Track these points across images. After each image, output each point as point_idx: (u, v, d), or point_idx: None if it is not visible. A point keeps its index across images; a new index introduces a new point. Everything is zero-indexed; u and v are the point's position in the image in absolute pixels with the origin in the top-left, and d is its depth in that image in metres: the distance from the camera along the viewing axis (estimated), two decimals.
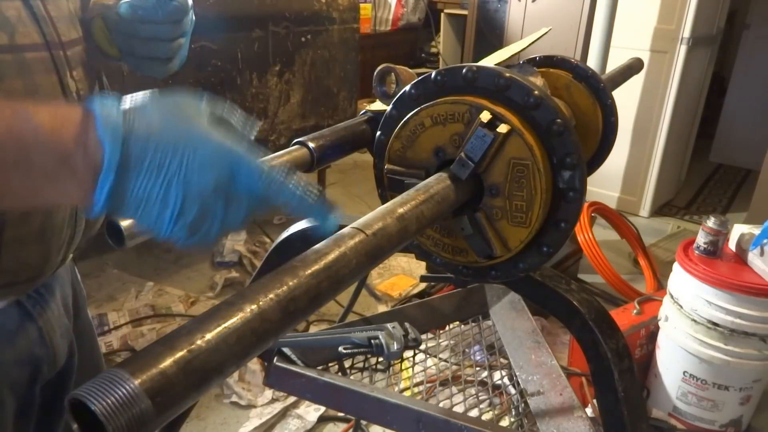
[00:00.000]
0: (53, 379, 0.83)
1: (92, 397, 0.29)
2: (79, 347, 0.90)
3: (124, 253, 2.94)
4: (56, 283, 0.83)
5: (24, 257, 0.69)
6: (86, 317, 0.97)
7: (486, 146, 0.58)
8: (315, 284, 0.39)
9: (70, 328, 0.87)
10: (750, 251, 1.76)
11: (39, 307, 0.77)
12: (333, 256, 0.41)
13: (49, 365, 0.80)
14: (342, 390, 0.96)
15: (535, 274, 0.72)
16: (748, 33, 4.66)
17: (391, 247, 0.46)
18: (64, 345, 0.83)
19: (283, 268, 0.39)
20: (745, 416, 1.93)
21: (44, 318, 0.78)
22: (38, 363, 0.78)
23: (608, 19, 2.72)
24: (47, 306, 0.79)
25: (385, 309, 2.55)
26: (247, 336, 0.35)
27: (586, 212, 2.79)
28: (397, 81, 0.70)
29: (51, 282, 0.81)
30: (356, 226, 0.44)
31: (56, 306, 0.82)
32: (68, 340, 0.86)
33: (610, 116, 0.90)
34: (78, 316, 0.92)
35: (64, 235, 0.73)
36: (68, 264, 0.88)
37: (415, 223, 0.49)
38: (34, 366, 0.78)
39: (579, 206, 0.61)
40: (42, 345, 0.78)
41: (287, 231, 0.92)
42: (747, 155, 4.56)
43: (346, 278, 0.41)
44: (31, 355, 0.77)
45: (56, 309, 0.81)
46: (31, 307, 0.76)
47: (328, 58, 3.22)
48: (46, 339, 0.78)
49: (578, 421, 0.96)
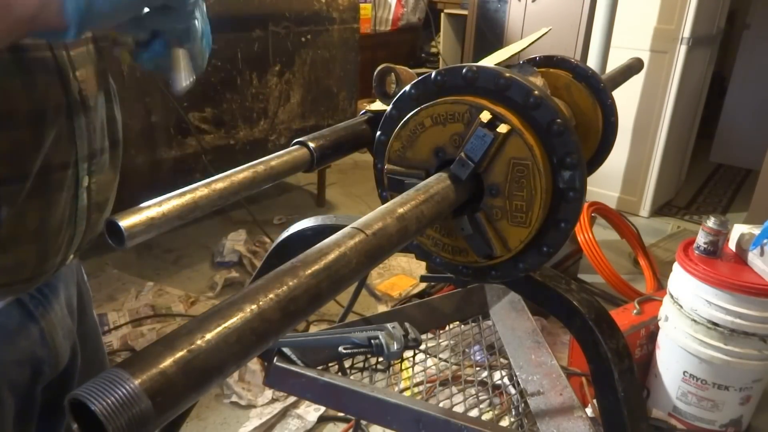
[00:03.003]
0: (56, 380, 0.83)
1: (92, 397, 0.29)
2: (84, 348, 0.90)
3: (124, 253, 2.94)
4: (60, 283, 0.82)
5: (21, 257, 0.69)
6: (92, 318, 0.97)
7: (486, 146, 0.58)
8: (315, 284, 0.39)
9: (73, 328, 0.86)
10: (750, 251, 1.76)
11: (41, 307, 0.77)
12: (333, 256, 0.41)
13: (50, 366, 0.80)
14: (342, 390, 0.96)
15: (535, 274, 0.72)
16: (748, 33, 4.66)
17: (391, 247, 0.46)
18: (66, 346, 0.83)
19: (283, 268, 0.39)
20: (745, 416, 1.93)
21: (46, 318, 0.78)
22: (39, 363, 0.78)
23: (608, 19, 2.72)
24: (50, 306, 0.79)
25: (385, 309, 2.55)
26: (247, 336, 0.35)
27: (586, 212, 2.79)
28: (397, 81, 0.70)
29: (54, 282, 0.80)
30: (356, 226, 0.44)
31: (59, 306, 0.81)
32: (71, 341, 0.85)
33: (610, 116, 0.90)
34: (83, 316, 0.92)
35: (63, 235, 0.73)
36: (73, 264, 0.88)
37: (415, 223, 0.49)
38: (35, 366, 0.78)
39: (579, 206, 0.61)
40: (43, 346, 0.78)
41: (287, 231, 0.92)
42: (747, 155, 4.56)
43: (346, 278, 0.41)
44: (32, 356, 0.76)
45: (59, 310, 0.81)
46: (34, 308, 0.76)
47: (328, 58, 3.22)
48: (47, 340, 0.78)
49: (578, 421, 0.96)
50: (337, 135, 0.71)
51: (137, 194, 0.71)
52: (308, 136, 0.68)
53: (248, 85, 2.86)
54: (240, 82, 2.81)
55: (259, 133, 3.00)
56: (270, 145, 3.06)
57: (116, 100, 0.84)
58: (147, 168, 2.57)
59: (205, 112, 2.72)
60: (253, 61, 2.81)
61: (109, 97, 0.81)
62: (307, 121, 3.23)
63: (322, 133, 0.70)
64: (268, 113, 3.02)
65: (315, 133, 0.69)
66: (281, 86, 3.03)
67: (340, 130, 0.73)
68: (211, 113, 2.75)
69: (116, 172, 0.85)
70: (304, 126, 3.20)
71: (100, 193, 0.79)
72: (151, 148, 2.56)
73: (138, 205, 0.54)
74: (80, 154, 0.72)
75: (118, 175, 0.86)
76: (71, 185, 0.72)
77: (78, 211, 0.74)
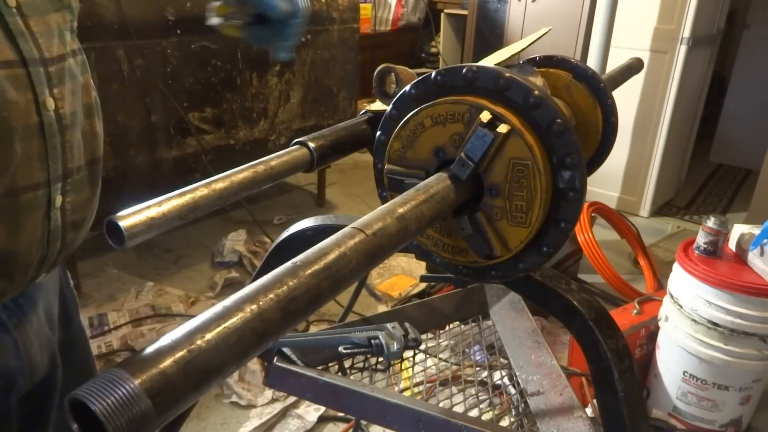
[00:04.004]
0: (35, 391, 0.81)
1: (92, 397, 0.29)
2: (70, 356, 0.88)
3: (124, 253, 2.94)
4: (39, 293, 0.80)
5: None
6: (78, 325, 0.94)
7: (486, 146, 0.58)
8: (315, 284, 0.39)
9: (52, 338, 0.84)
10: (750, 251, 1.76)
11: (15, 318, 0.74)
12: (333, 256, 0.41)
13: (25, 377, 0.77)
14: (342, 390, 0.96)
15: (535, 274, 0.72)
16: (748, 33, 4.66)
17: (391, 247, 0.46)
18: (43, 356, 0.80)
19: (283, 268, 0.39)
20: (745, 416, 1.93)
21: (20, 329, 0.75)
22: (12, 375, 0.75)
23: (608, 19, 2.72)
24: (25, 317, 0.76)
25: (385, 309, 2.55)
26: (247, 336, 0.35)
27: (586, 212, 2.79)
28: (397, 81, 0.70)
29: (32, 292, 0.78)
30: (356, 226, 0.44)
31: (36, 318, 0.79)
32: (49, 352, 0.83)
33: (610, 116, 0.90)
34: (68, 324, 0.89)
35: (33, 256, 0.70)
36: (55, 272, 0.86)
37: (416, 223, 0.49)
38: (8, 378, 0.75)
39: (579, 206, 0.61)
40: (17, 357, 0.75)
41: (287, 231, 0.92)
42: (747, 155, 4.56)
43: (347, 278, 0.41)
44: (4, 367, 0.74)
45: (36, 320, 0.78)
46: (7, 318, 0.73)
47: (328, 58, 3.22)
48: (21, 350, 0.75)
49: (578, 421, 0.96)
50: (337, 135, 0.72)
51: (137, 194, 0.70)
52: (308, 136, 0.68)
53: (248, 85, 2.86)
54: (240, 82, 2.81)
55: (259, 133, 3.00)
56: (270, 145, 3.06)
57: (99, 114, 0.80)
58: (147, 168, 2.57)
59: (205, 112, 2.72)
60: (253, 61, 2.81)
61: (90, 112, 0.77)
62: (307, 121, 3.23)
63: (322, 133, 0.70)
64: (268, 113, 3.02)
65: (315, 133, 0.69)
66: (281, 86, 3.03)
67: (340, 130, 0.73)
68: (211, 113, 2.75)
69: (95, 188, 0.81)
70: (304, 126, 3.21)
71: (77, 211, 0.75)
72: (151, 148, 2.56)
73: (138, 205, 0.54)
74: (53, 174, 0.69)
75: (98, 191, 0.82)
76: (42, 206, 0.69)
77: (51, 231, 0.71)
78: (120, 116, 2.40)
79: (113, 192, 2.35)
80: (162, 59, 2.46)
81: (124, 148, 2.45)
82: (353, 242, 0.43)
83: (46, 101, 0.66)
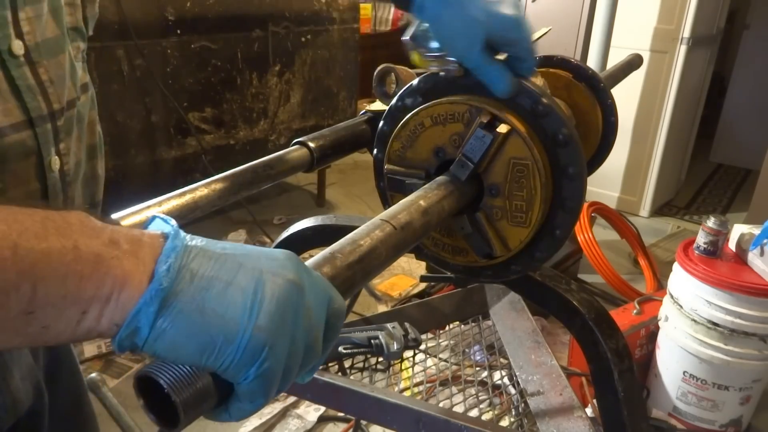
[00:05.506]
0: (23, 421, 0.76)
1: (160, 372, 0.33)
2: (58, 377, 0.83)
3: None
4: None
5: None
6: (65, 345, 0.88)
7: (485, 147, 0.58)
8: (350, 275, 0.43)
9: (35, 367, 0.78)
10: (750, 251, 1.76)
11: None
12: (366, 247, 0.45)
13: (6, 410, 0.72)
14: (342, 390, 0.96)
15: (535, 274, 0.72)
16: (748, 33, 4.65)
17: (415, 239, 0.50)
18: (27, 387, 0.75)
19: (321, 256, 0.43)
20: (745, 416, 1.93)
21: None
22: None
23: (608, 19, 2.72)
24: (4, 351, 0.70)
25: (385, 309, 2.55)
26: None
27: (586, 212, 2.79)
28: (397, 81, 0.70)
29: None
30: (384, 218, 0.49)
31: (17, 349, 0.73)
32: (32, 382, 0.77)
33: (610, 116, 0.90)
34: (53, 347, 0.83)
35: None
36: None
37: (436, 218, 0.51)
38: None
39: (576, 216, 0.61)
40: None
41: (287, 231, 0.92)
42: (747, 155, 4.56)
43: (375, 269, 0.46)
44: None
45: (16, 351, 0.72)
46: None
47: (328, 58, 3.22)
48: (2, 385, 0.70)
49: (578, 421, 0.96)
50: (337, 135, 0.72)
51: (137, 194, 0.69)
52: (308, 136, 0.68)
53: (248, 85, 2.86)
54: (240, 82, 2.81)
55: (259, 133, 3.00)
56: (270, 145, 3.06)
57: (101, 152, 0.74)
58: (147, 168, 2.57)
59: (205, 112, 2.72)
60: (253, 61, 2.81)
61: (93, 153, 0.72)
62: (307, 121, 3.23)
63: (322, 133, 0.70)
64: (268, 113, 3.02)
65: (315, 133, 0.69)
66: (281, 86, 3.03)
67: (340, 130, 0.73)
68: (211, 113, 2.75)
69: None
70: (304, 126, 3.21)
71: None
72: (151, 148, 2.57)
73: (138, 205, 0.54)
74: None
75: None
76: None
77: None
78: (120, 116, 2.40)
79: (113, 192, 2.34)
80: (162, 59, 2.46)
81: (124, 148, 2.45)
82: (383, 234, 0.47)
83: (51, 162, 0.59)
